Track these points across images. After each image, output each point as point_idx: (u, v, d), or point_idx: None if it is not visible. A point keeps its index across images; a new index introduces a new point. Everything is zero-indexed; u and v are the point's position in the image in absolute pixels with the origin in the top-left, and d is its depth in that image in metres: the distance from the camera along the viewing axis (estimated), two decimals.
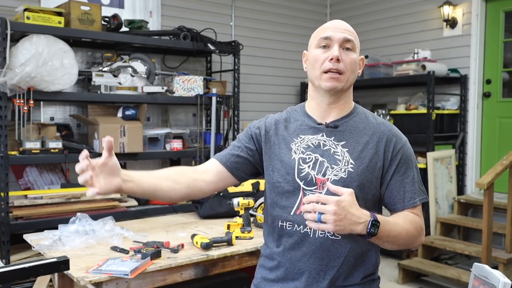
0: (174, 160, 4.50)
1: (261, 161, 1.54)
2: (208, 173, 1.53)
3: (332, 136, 1.46)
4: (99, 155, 3.71)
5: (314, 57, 1.46)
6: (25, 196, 3.38)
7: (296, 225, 1.43)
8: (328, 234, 1.40)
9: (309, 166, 1.44)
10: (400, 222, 1.39)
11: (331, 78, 1.42)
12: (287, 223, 1.45)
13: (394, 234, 1.34)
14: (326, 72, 1.43)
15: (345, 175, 1.41)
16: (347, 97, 1.51)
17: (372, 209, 1.36)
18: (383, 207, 1.50)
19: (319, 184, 1.42)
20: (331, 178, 1.41)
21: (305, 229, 1.41)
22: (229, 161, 1.54)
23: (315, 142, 1.47)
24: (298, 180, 1.44)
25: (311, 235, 1.41)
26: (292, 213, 1.44)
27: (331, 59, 1.41)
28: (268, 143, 1.53)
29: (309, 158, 1.45)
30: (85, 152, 1.27)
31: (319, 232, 1.40)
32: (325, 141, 1.47)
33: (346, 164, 1.42)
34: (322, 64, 1.43)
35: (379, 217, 1.30)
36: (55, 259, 1.33)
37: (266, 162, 1.52)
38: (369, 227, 1.27)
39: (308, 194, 1.41)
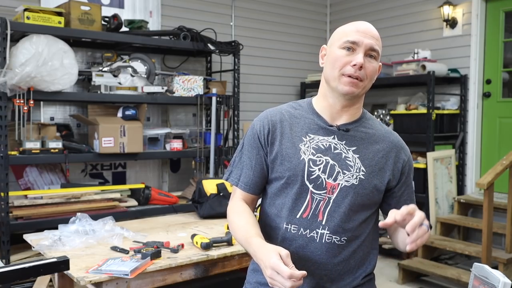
0: (174, 160, 4.50)
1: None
2: (249, 205, 1.52)
3: (343, 140, 1.44)
4: (99, 155, 3.67)
5: (336, 57, 1.41)
6: (25, 196, 3.38)
7: (302, 229, 1.40)
8: (335, 240, 1.39)
9: (319, 169, 1.41)
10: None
11: (350, 82, 1.39)
12: (293, 226, 1.41)
13: None
14: (346, 76, 1.39)
15: (356, 182, 1.39)
16: (359, 103, 1.49)
17: (368, 215, 1.43)
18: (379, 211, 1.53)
19: (328, 189, 1.39)
20: (342, 184, 1.39)
21: (311, 234, 1.39)
22: (254, 187, 1.49)
23: (326, 144, 1.43)
24: (308, 183, 1.40)
25: (317, 240, 1.39)
26: (298, 216, 1.41)
27: (355, 65, 1.37)
28: (275, 143, 1.46)
29: (319, 160, 1.41)
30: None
31: (326, 237, 1.38)
32: (336, 144, 1.43)
33: (357, 170, 1.40)
34: (344, 66, 1.39)
35: None
36: (55, 259, 1.33)
37: (272, 163, 1.46)
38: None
39: (316, 198, 1.40)
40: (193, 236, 2.22)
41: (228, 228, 2.38)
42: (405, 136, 4.39)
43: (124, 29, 3.88)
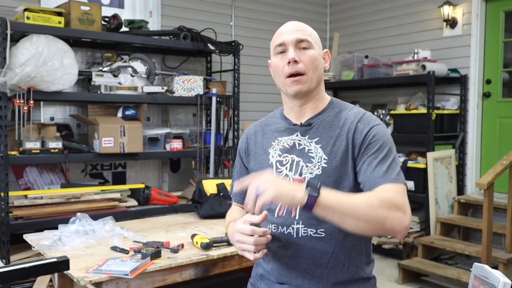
0: (174, 160, 4.50)
1: None
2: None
3: (306, 135, 1.47)
4: (99, 155, 3.66)
5: (274, 65, 1.49)
6: (25, 196, 3.38)
7: (280, 227, 1.44)
8: (311, 233, 1.40)
9: (286, 168, 1.45)
10: (358, 195, 1.31)
11: (294, 81, 1.42)
12: (273, 225, 1.46)
13: (348, 204, 1.24)
14: (288, 77, 1.43)
15: (319, 171, 1.40)
16: (318, 95, 1.50)
17: None
18: None
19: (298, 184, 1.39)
20: (307, 177, 1.41)
21: (288, 230, 1.42)
22: (241, 197, 1.60)
23: (290, 143, 1.48)
24: None
25: (295, 235, 1.41)
26: (275, 215, 1.45)
27: (289, 62, 1.42)
28: (250, 154, 1.58)
29: (285, 160, 1.46)
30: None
31: (302, 231, 1.40)
32: (300, 140, 1.47)
33: (319, 160, 1.41)
34: (283, 69, 1.44)
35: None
36: (55, 259, 1.33)
37: (251, 172, 1.55)
38: (307, 189, 1.21)
39: None
40: (193, 236, 2.21)
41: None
42: (405, 136, 4.46)
43: (124, 29, 3.88)
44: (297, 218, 1.41)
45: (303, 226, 1.40)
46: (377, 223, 1.25)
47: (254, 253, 1.34)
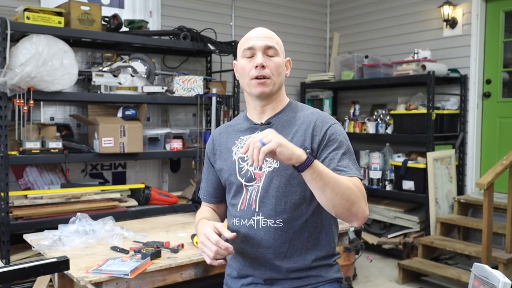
0: (174, 160, 4.50)
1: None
2: (216, 211, 1.76)
3: None
4: (99, 155, 3.66)
5: (241, 66, 1.59)
6: (25, 196, 3.38)
7: (241, 219, 1.55)
8: (270, 223, 1.50)
9: (247, 164, 1.56)
10: (337, 175, 1.40)
11: (259, 83, 1.54)
12: (235, 219, 1.57)
13: (332, 176, 1.35)
14: (253, 78, 1.54)
15: (277, 165, 1.51)
16: (279, 97, 1.62)
17: (311, 194, 1.44)
18: None
19: (258, 178, 1.53)
20: (266, 171, 1.52)
21: (250, 222, 1.53)
22: (208, 196, 1.74)
23: None
24: (240, 178, 1.56)
25: (255, 227, 1.51)
26: (238, 210, 1.57)
27: (256, 66, 1.53)
28: (216, 153, 1.68)
29: (246, 156, 1.50)
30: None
31: (262, 222, 1.51)
32: None
33: None
34: (249, 72, 1.55)
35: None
36: (55, 259, 1.33)
37: (218, 172, 1.67)
38: (307, 150, 1.33)
39: (249, 190, 1.55)
40: (193, 236, 2.22)
41: (227, 227, 2.38)
42: (405, 136, 4.46)
43: (124, 29, 3.88)
44: (257, 210, 1.51)
45: (262, 217, 1.51)
46: (349, 202, 1.37)
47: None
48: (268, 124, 1.58)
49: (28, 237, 2.30)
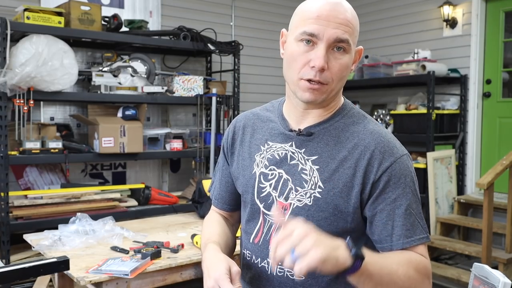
0: (174, 160, 4.50)
1: None
2: (228, 219, 1.38)
3: (303, 148, 1.14)
4: (99, 155, 3.67)
5: (292, 53, 1.11)
6: (25, 196, 3.38)
7: (254, 257, 1.19)
8: (289, 274, 1.12)
9: (270, 185, 1.15)
10: (394, 259, 1.03)
11: (310, 89, 1.08)
12: (247, 252, 1.22)
13: (386, 273, 0.99)
14: (304, 79, 1.08)
15: (310, 202, 1.10)
16: (332, 102, 1.16)
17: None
18: None
19: (280, 210, 1.13)
20: (293, 204, 1.11)
21: (262, 263, 1.16)
22: (222, 202, 1.35)
23: (282, 153, 1.16)
24: (258, 201, 1.18)
25: (269, 272, 1.14)
26: (251, 241, 1.20)
27: (313, 66, 1.06)
28: (234, 153, 1.28)
29: (272, 174, 1.16)
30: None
31: (278, 270, 1.13)
32: (293, 153, 1.15)
33: (313, 187, 1.10)
34: (302, 67, 1.08)
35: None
36: (55, 259, 1.33)
37: (234, 177, 1.28)
38: (351, 250, 0.93)
39: (268, 221, 1.16)
40: (193, 236, 2.22)
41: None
42: (405, 136, 4.46)
43: (124, 29, 3.88)
44: None
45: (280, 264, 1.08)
46: None
47: None
48: (309, 136, 1.14)
49: (28, 237, 2.30)
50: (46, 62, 3.20)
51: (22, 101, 3.20)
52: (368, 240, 1.12)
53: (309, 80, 1.07)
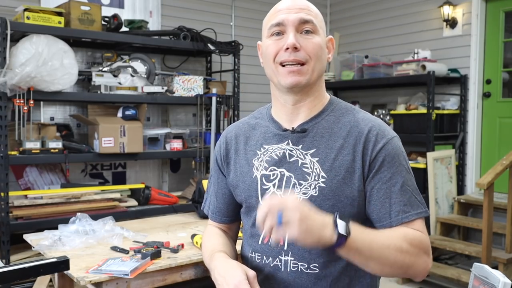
0: (174, 160, 4.50)
1: None
2: (227, 232, 1.41)
3: (299, 144, 1.19)
4: (99, 155, 3.65)
5: (266, 49, 1.19)
6: (25, 196, 3.38)
7: (265, 257, 1.20)
8: (302, 267, 1.15)
9: (274, 185, 1.19)
10: (386, 234, 1.09)
11: (291, 72, 1.14)
12: (256, 254, 1.23)
13: (376, 247, 1.04)
14: (282, 64, 1.15)
15: (315, 192, 1.14)
16: (317, 91, 1.22)
17: None
18: None
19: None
20: (299, 198, 1.14)
21: (275, 262, 1.18)
22: (220, 215, 1.38)
23: (280, 153, 1.20)
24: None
25: (283, 269, 1.16)
26: (260, 242, 1.22)
27: (287, 48, 1.13)
28: (230, 163, 1.31)
29: (273, 174, 1.19)
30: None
31: (291, 265, 1.15)
32: (291, 150, 1.20)
33: (316, 178, 1.15)
34: (277, 55, 1.16)
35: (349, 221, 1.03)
36: (55, 259, 1.33)
37: (232, 186, 1.30)
38: (337, 227, 0.98)
39: None
40: (193, 236, 2.21)
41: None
42: (405, 136, 4.46)
43: (124, 29, 3.88)
44: (285, 248, 1.16)
45: (292, 259, 1.15)
46: (403, 268, 1.09)
47: None
48: (303, 132, 1.19)
49: (28, 237, 2.30)
50: (46, 62, 3.20)
51: (22, 101, 3.20)
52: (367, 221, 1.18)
53: (286, 64, 1.15)
